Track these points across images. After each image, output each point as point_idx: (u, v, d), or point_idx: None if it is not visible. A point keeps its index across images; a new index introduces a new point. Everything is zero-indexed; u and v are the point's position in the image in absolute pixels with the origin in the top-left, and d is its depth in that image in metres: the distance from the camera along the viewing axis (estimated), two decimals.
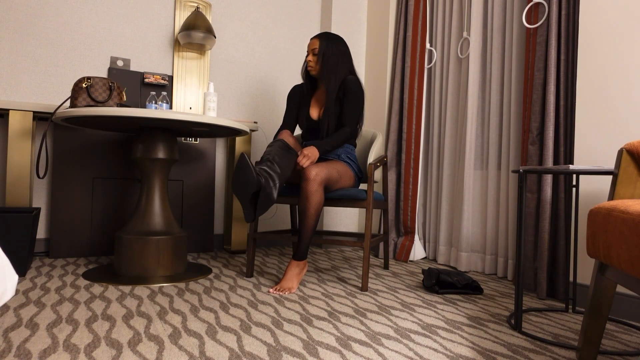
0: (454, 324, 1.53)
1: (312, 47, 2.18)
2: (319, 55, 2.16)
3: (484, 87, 2.52)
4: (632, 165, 1.16)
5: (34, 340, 1.25)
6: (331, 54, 2.15)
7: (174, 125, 2.03)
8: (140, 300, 1.70)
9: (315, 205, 1.89)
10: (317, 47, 2.16)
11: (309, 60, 2.19)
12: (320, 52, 2.15)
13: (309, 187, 1.88)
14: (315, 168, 1.90)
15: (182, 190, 2.78)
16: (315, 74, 2.20)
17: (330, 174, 1.97)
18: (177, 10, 2.86)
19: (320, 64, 2.16)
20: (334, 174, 2.00)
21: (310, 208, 1.89)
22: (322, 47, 2.16)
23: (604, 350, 1.32)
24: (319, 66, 2.17)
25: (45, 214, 2.57)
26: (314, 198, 1.88)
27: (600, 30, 1.80)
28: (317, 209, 1.90)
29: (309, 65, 2.19)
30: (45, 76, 2.56)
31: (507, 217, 2.32)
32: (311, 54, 2.18)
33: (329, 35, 2.19)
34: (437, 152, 2.82)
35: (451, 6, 2.75)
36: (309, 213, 1.89)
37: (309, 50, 2.19)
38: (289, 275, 1.92)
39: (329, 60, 2.14)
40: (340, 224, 3.26)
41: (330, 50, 2.15)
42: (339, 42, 2.19)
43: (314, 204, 1.89)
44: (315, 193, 1.88)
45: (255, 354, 1.20)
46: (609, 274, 1.09)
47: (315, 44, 2.17)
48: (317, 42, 2.17)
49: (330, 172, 1.97)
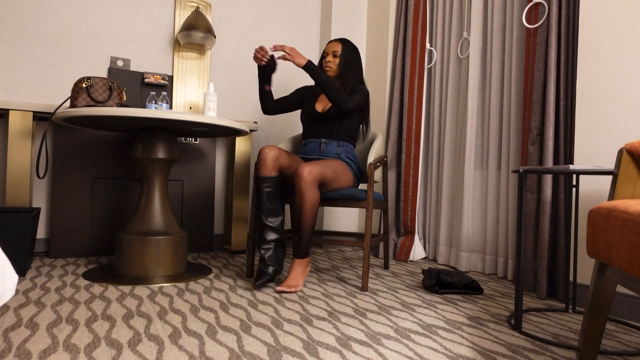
0: (454, 324, 1.53)
1: (333, 49, 2.24)
2: (341, 57, 2.23)
3: (484, 87, 2.52)
4: (632, 165, 1.16)
5: (34, 340, 1.25)
6: (351, 59, 2.24)
7: (174, 125, 2.03)
8: (140, 300, 1.70)
9: (310, 202, 1.90)
10: (340, 50, 2.23)
11: (329, 62, 2.24)
12: (343, 57, 2.23)
13: (302, 185, 1.89)
14: (308, 166, 1.91)
15: (182, 190, 2.78)
16: (333, 75, 2.26)
17: (324, 172, 1.97)
18: (177, 10, 2.86)
19: (339, 67, 2.23)
20: (329, 172, 2.00)
21: (306, 205, 1.90)
22: (344, 51, 2.23)
23: (604, 350, 1.32)
24: (338, 68, 2.23)
25: (45, 214, 2.57)
26: (307, 195, 1.89)
27: (600, 30, 1.80)
28: (312, 206, 1.91)
29: (327, 66, 2.24)
30: (45, 76, 2.56)
31: (507, 217, 2.32)
32: (331, 56, 2.24)
33: (349, 42, 2.27)
34: (437, 152, 2.82)
35: (451, 6, 2.75)
36: (304, 210, 1.91)
37: (330, 52, 2.25)
38: (294, 274, 1.93)
39: (347, 65, 2.22)
40: (340, 224, 3.26)
41: (350, 55, 2.24)
42: (356, 50, 2.29)
43: (308, 201, 1.90)
44: (308, 190, 1.89)
45: (255, 354, 1.20)
46: (609, 274, 1.09)
47: (338, 47, 2.24)
48: (339, 45, 2.24)
49: (323, 170, 1.97)
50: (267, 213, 1.97)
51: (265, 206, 1.97)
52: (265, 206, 1.97)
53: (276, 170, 2.00)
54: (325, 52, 2.28)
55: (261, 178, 1.97)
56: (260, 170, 1.98)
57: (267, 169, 1.97)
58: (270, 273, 1.91)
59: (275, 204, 1.99)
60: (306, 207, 1.90)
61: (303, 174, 1.89)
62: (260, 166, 1.98)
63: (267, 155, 1.97)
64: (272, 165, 1.98)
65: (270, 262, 1.93)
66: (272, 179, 1.97)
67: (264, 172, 1.97)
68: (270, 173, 1.97)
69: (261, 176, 1.97)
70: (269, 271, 1.91)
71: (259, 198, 1.97)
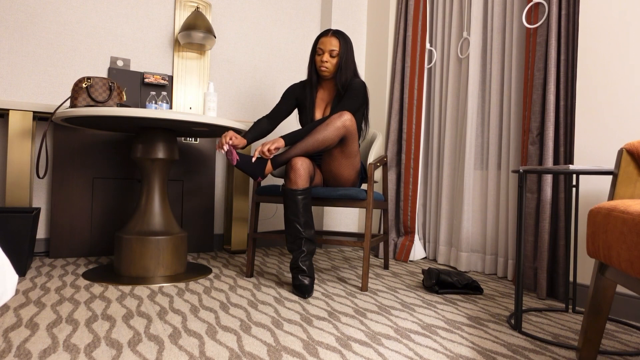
0: (454, 324, 1.53)
1: (330, 47, 2.06)
2: (340, 57, 2.07)
3: (484, 87, 2.52)
4: (632, 165, 1.16)
5: (34, 340, 1.25)
6: (348, 55, 2.09)
7: (174, 125, 2.03)
8: (140, 300, 1.70)
9: (331, 134, 1.90)
10: (337, 49, 2.06)
11: (325, 62, 2.07)
12: (342, 56, 2.07)
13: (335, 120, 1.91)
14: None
15: (182, 190, 2.78)
16: (329, 75, 2.12)
17: None
18: (177, 10, 2.86)
19: (337, 66, 2.09)
20: None
21: (327, 131, 1.90)
22: (342, 50, 2.07)
23: (604, 350, 1.32)
24: (336, 68, 2.10)
25: (45, 214, 2.57)
26: (332, 131, 1.90)
27: (600, 30, 1.80)
28: (329, 137, 1.90)
29: (324, 66, 2.07)
30: (45, 76, 2.56)
31: (507, 217, 2.32)
32: (328, 55, 2.07)
33: (344, 35, 2.10)
34: (437, 152, 2.82)
35: (451, 6, 2.75)
36: (324, 132, 1.91)
37: (326, 50, 2.06)
38: None
39: (345, 64, 2.08)
40: (340, 224, 3.26)
41: (347, 51, 2.09)
42: (351, 42, 2.13)
43: (330, 134, 1.91)
44: (335, 131, 1.91)
45: (255, 354, 1.20)
46: (609, 274, 1.09)
47: (335, 44, 2.06)
48: (337, 42, 2.07)
49: None
50: (304, 226, 1.89)
51: (302, 218, 1.89)
52: (302, 218, 1.89)
53: (309, 180, 1.93)
54: (320, 49, 2.08)
55: (296, 190, 1.88)
56: (295, 182, 1.89)
57: (302, 180, 1.89)
58: (310, 284, 1.86)
59: (309, 214, 1.92)
60: (327, 132, 1.90)
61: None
62: (295, 178, 1.89)
63: (300, 167, 1.89)
64: (305, 177, 1.91)
65: (310, 274, 1.88)
66: (307, 190, 1.91)
67: (300, 184, 1.89)
68: (305, 184, 1.90)
69: (296, 189, 1.88)
70: (311, 283, 1.86)
71: (294, 211, 1.88)
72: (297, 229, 1.89)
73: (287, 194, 1.90)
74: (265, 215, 3.21)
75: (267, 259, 2.67)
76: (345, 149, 2.00)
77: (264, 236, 2.15)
